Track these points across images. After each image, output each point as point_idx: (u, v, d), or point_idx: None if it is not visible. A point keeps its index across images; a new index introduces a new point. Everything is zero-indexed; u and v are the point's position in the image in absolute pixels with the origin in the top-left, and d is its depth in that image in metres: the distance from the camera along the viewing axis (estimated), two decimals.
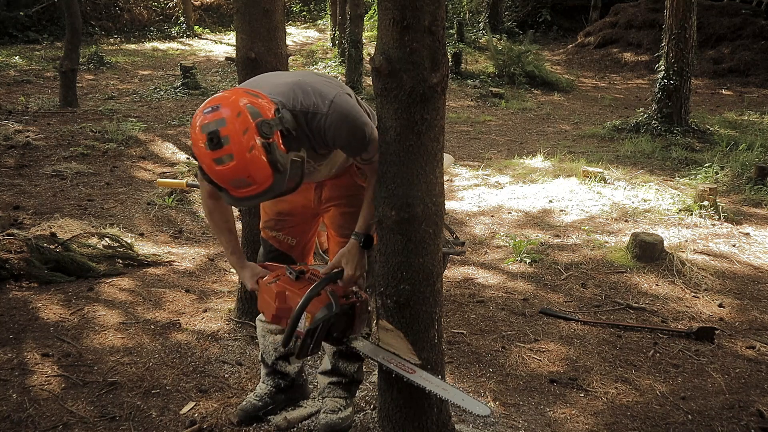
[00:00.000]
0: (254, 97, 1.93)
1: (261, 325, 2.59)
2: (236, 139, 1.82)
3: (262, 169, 1.87)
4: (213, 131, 1.82)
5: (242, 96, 1.91)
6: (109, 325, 3.34)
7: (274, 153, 1.87)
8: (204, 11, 17.81)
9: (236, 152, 1.83)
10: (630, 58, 14.14)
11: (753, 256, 4.57)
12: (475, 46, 14.56)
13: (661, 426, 2.69)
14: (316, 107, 2.03)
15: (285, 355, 2.58)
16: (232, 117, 1.83)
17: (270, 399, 2.58)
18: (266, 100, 1.94)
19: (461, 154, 7.57)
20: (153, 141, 7.37)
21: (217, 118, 1.83)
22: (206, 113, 1.86)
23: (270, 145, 1.86)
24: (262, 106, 1.90)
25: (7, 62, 11.91)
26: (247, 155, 1.83)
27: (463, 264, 4.38)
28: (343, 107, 2.05)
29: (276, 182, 1.92)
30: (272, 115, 1.90)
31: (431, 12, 1.98)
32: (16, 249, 3.81)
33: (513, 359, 3.19)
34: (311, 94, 2.05)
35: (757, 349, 3.33)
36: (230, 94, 1.92)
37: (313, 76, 2.18)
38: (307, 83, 2.08)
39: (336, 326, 2.20)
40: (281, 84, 2.08)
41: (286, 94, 2.04)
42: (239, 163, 1.84)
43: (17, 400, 2.65)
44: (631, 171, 6.60)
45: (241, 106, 1.86)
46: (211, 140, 1.82)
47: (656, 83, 8.49)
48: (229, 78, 11.54)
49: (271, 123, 1.87)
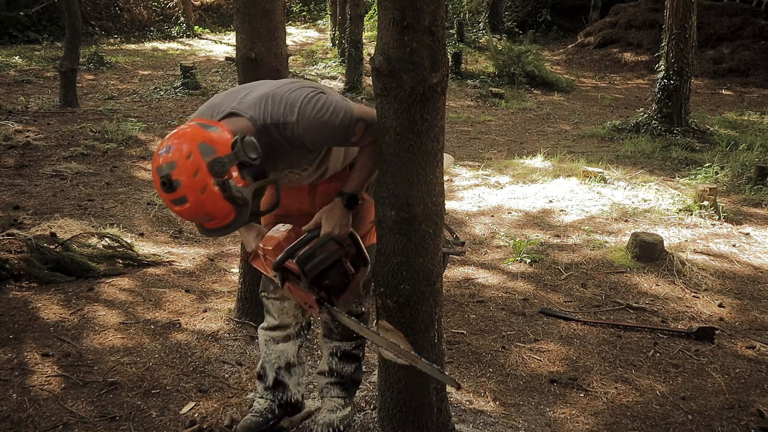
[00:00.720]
0: (210, 131, 1.88)
1: (264, 334, 2.56)
2: (187, 182, 1.80)
3: (220, 207, 1.86)
4: (165, 174, 1.81)
5: (196, 133, 1.86)
6: (109, 325, 3.34)
7: (230, 190, 1.85)
8: (204, 11, 17.80)
9: (189, 194, 1.81)
10: (630, 58, 14.14)
11: (753, 256, 4.58)
12: (475, 46, 14.56)
13: (661, 426, 2.69)
14: (285, 117, 2.01)
15: (288, 366, 2.54)
16: (183, 159, 1.80)
17: (270, 414, 2.53)
18: (225, 131, 1.90)
19: (461, 154, 7.57)
20: (153, 141, 7.37)
21: (169, 161, 1.81)
22: (160, 154, 1.85)
23: (224, 183, 1.83)
24: (216, 142, 1.85)
25: (7, 62, 11.91)
26: (201, 196, 1.82)
27: (463, 264, 4.38)
28: (310, 110, 2.02)
29: (239, 215, 1.91)
30: (228, 149, 1.85)
31: (431, 12, 1.98)
32: (16, 249, 3.81)
33: (513, 359, 3.19)
34: (280, 104, 2.02)
35: (757, 349, 3.33)
36: (183, 133, 1.86)
37: (287, 83, 2.14)
38: (277, 93, 2.05)
39: (330, 274, 2.15)
40: (254, 97, 2.06)
41: (256, 107, 2.02)
42: (194, 205, 1.84)
43: (17, 400, 2.65)
44: (631, 171, 6.60)
45: (192, 147, 1.82)
46: (164, 183, 1.82)
47: (656, 83, 8.49)
48: (229, 78, 11.53)
49: (224, 161, 1.83)
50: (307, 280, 2.12)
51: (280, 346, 2.53)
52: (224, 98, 2.14)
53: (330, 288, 2.17)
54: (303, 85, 2.11)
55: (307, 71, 12.48)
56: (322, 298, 2.16)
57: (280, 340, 2.53)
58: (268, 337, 2.54)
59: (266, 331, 2.55)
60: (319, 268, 2.13)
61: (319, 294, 2.16)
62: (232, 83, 10.96)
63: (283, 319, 2.51)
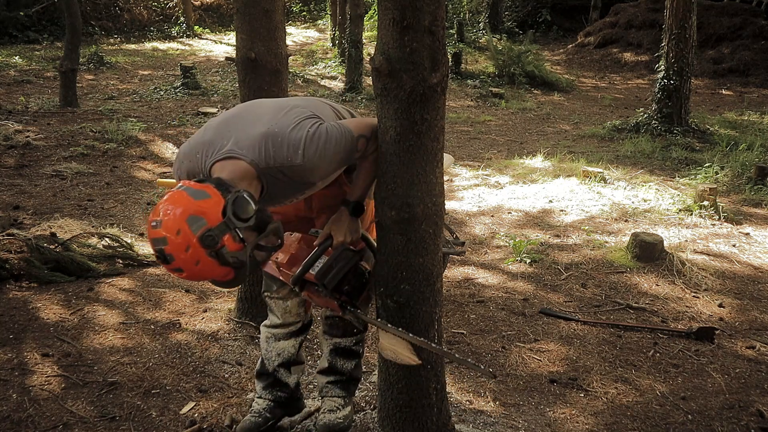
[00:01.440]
0: (199, 199, 1.84)
1: (266, 331, 2.56)
2: (180, 256, 1.81)
3: (218, 271, 1.88)
4: (158, 249, 1.83)
5: (184, 203, 1.83)
6: (109, 325, 3.34)
7: (224, 257, 1.85)
8: (204, 11, 17.80)
9: (184, 267, 1.83)
10: (630, 58, 14.14)
11: (753, 256, 4.57)
12: (475, 46, 14.56)
13: (661, 426, 2.69)
14: (291, 160, 2.00)
15: (287, 363, 2.55)
16: (172, 236, 1.80)
17: (270, 414, 2.53)
18: (215, 197, 1.85)
19: (461, 154, 7.57)
20: (153, 141, 7.37)
21: (159, 237, 1.81)
22: (152, 227, 1.84)
23: (217, 253, 1.84)
24: (206, 212, 1.82)
25: (7, 62, 11.91)
26: (195, 268, 1.83)
27: (463, 264, 4.38)
28: (314, 149, 2.00)
29: (238, 274, 1.94)
30: (218, 218, 1.83)
31: (431, 12, 1.98)
32: (16, 249, 3.81)
33: (513, 359, 3.19)
34: (282, 147, 2.00)
35: (757, 349, 3.33)
36: (172, 203, 1.84)
37: (283, 115, 2.10)
38: (278, 133, 2.02)
39: (349, 280, 2.20)
40: (252, 137, 2.02)
41: (256, 150, 2.00)
42: (190, 275, 1.87)
43: (17, 400, 2.65)
44: (631, 171, 6.60)
45: (180, 222, 1.80)
46: (158, 257, 1.85)
47: (656, 83, 8.49)
48: (229, 78, 11.53)
49: (214, 233, 1.81)
50: (327, 291, 2.16)
51: (281, 343, 2.54)
52: (216, 133, 2.08)
53: (350, 292, 2.22)
54: (300, 118, 2.08)
55: (307, 71, 12.49)
56: (344, 302, 2.21)
57: (282, 338, 2.54)
58: (269, 334, 2.55)
59: (268, 329, 2.56)
60: (337, 277, 2.17)
61: (341, 299, 2.21)
62: (232, 83, 10.97)
63: (286, 318, 2.52)
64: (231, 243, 1.86)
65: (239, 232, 1.87)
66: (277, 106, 2.19)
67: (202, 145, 2.07)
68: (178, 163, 2.15)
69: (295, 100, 2.28)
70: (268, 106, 2.21)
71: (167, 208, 1.83)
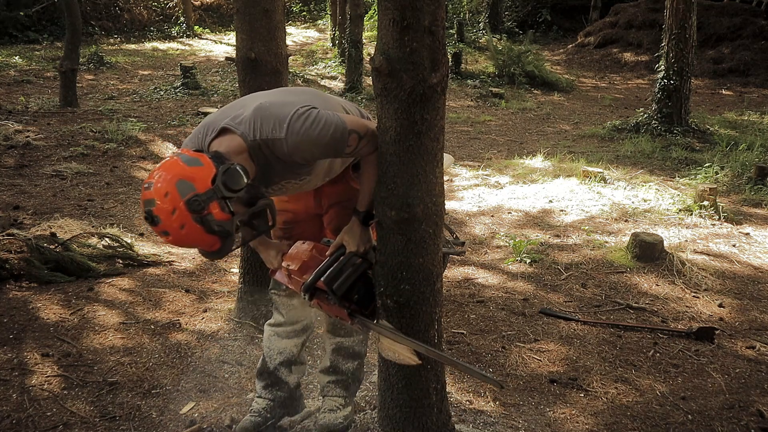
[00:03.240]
0: (191, 165, 1.90)
1: (269, 329, 2.57)
2: (166, 219, 1.86)
3: (203, 239, 1.92)
4: (147, 210, 1.88)
5: (176, 168, 1.89)
6: (109, 325, 3.34)
7: (210, 224, 1.89)
8: (204, 11, 17.80)
9: (169, 230, 1.88)
10: (630, 58, 14.13)
11: (753, 256, 4.57)
12: (475, 46, 14.56)
13: (661, 426, 2.69)
14: (274, 133, 2.01)
15: (288, 362, 2.55)
16: (161, 197, 1.85)
17: (269, 414, 2.54)
18: (207, 166, 1.91)
19: (461, 154, 7.57)
20: (153, 141, 7.37)
21: (149, 198, 1.87)
22: (144, 188, 1.90)
23: (203, 218, 1.88)
24: (196, 178, 1.88)
25: (7, 62, 11.90)
26: (181, 231, 1.88)
27: (463, 264, 4.38)
28: (299, 127, 2.01)
29: (224, 245, 1.97)
30: (207, 185, 1.88)
31: (431, 12, 1.98)
32: (16, 249, 3.81)
33: (513, 359, 3.19)
34: (269, 120, 2.03)
35: (757, 349, 3.33)
36: (164, 170, 1.90)
37: (281, 95, 2.15)
38: (268, 107, 2.05)
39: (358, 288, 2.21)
40: (249, 112, 2.06)
41: (248, 123, 2.04)
42: (176, 239, 1.91)
43: (17, 400, 2.65)
44: (631, 171, 6.60)
45: (169, 185, 1.86)
46: (147, 218, 1.89)
47: (656, 83, 8.49)
48: (229, 78, 11.53)
49: (201, 198, 1.86)
50: (336, 297, 2.16)
51: (284, 341, 2.54)
52: (222, 113, 2.14)
53: (360, 301, 2.23)
54: (295, 100, 2.10)
55: (307, 71, 12.49)
56: (353, 311, 2.22)
57: (284, 336, 2.54)
58: (272, 333, 2.56)
59: (272, 327, 2.56)
60: (346, 284, 2.18)
61: (350, 308, 2.22)
62: (232, 83, 10.97)
63: (290, 317, 2.53)
64: (218, 211, 1.91)
65: (228, 202, 1.92)
66: (280, 89, 2.25)
67: (204, 126, 2.14)
68: (184, 145, 2.19)
69: (302, 88, 2.29)
70: (271, 90, 2.26)
71: (160, 172, 1.90)
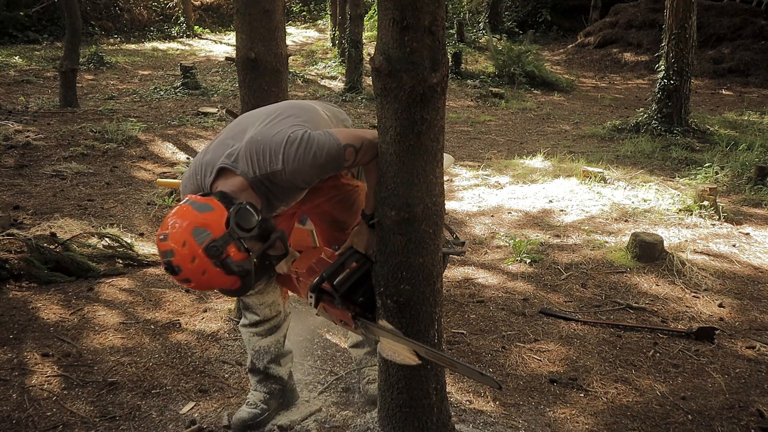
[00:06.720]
0: (203, 212, 1.93)
1: (246, 331, 2.59)
2: (187, 267, 1.90)
3: (224, 280, 1.96)
4: (167, 261, 1.91)
5: (189, 216, 1.92)
6: (109, 325, 3.34)
7: (229, 266, 1.93)
8: (204, 11, 17.80)
9: (191, 277, 1.92)
10: (630, 58, 14.13)
11: (753, 256, 4.57)
12: (475, 46, 14.56)
13: (661, 426, 2.69)
14: (272, 166, 2.04)
15: (276, 357, 2.58)
16: (179, 247, 1.88)
17: (265, 405, 2.57)
18: (218, 209, 1.94)
19: (461, 154, 7.57)
20: (153, 141, 7.37)
21: (167, 249, 1.90)
22: (160, 240, 1.93)
23: (223, 262, 1.92)
24: (210, 223, 1.91)
25: (7, 62, 11.91)
26: (202, 278, 1.92)
27: (463, 264, 4.38)
28: (293, 154, 2.02)
29: (244, 282, 2.00)
30: (222, 229, 1.92)
31: (431, 12, 1.98)
32: (16, 249, 3.81)
33: (513, 359, 3.19)
34: (264, 153, 2.05)
35: (757, 349, 3.33)
36: (178, 216, 1.93)
37: (270, 121, 2.15)
38: (259, 140, 2.07)
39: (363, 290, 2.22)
40: (242, 145, 2.08)
41: (244, 160, 2.06)
42: (198, 284, 1.96)
43: (17, 400, 2.65)
44: (631, 171, 6.60)
45: (185, 234, 1.89)
46: (167, 269, 1.93)
47: (656, 83, 8.49)
48: (229, 78, 11.53)
49: (219, 243, 1.90)
50: (338, 294, 2.16)
51: (266, 340, 2.56)
52: (214, 151, 2.15)
53: (364, 303, 2.24)
54: (283, 126, 2.10)
55: (307, 71, 12.49)
56: (357, 314, 2.22)
57: (265, 335, 2.56)
58: (252, 333, 2.57)
59: (248, 328, 2.58)
60: (349, 281, 2.18)
61: (355, 310, 2.22)
62: (232, 83, 10.97)
63: (265, 314, 2.54)
64: (235, 252, 1.94)
65: (243, 242, 1.95)
66: (266, 113, 2.24)
67: (201, 166, 2.15)
68: (183, 186, 2.22)
69: (287, 106, 2.30)
70: (258, 114, 2.26)
71: (174, 221, 1.93)
